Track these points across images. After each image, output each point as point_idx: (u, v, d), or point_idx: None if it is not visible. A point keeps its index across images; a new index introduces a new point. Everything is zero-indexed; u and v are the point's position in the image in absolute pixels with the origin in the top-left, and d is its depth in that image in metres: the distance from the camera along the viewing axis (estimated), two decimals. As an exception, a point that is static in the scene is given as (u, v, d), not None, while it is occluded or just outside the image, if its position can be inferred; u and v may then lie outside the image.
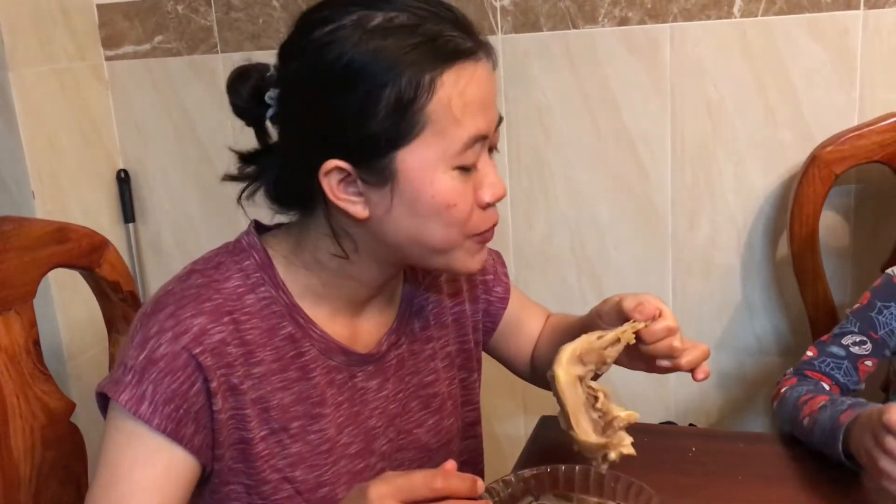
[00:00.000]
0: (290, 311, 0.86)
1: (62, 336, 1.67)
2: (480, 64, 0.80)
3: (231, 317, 0.83)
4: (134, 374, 0.80)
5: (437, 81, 0.77)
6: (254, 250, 0.87)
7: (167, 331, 0.80)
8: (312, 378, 0.87)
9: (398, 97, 0.76)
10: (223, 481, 0.86)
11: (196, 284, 0.84)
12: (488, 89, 0.81)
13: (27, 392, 1.04)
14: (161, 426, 0.79)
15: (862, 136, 1.33)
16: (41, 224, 1.10)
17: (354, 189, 0.81)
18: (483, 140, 0.81)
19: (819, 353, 1.13)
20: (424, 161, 0.79)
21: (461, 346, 1.02)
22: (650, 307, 0.86)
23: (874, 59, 1.35)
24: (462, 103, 0.78)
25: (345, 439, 0.90)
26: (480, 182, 0.83)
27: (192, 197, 1.81)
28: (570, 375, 0.80)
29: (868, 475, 0.91)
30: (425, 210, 0.80)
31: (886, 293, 1.11)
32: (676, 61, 1.45)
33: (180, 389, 0.80)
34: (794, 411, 1.05)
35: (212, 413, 0.82)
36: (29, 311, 1.05)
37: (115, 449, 0.81)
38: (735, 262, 1.52)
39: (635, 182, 1.53)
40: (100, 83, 1.77)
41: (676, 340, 0.86)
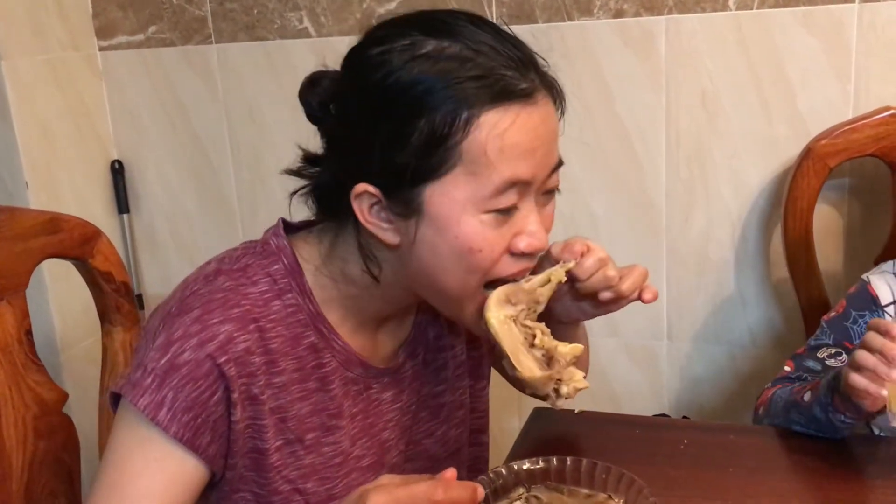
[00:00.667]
0: (314, 321, 0.85)
1: (56, 327, 1.67)
2: (533, 107, 0.76)
3: (257, 324, 0.81)
4: (154, 378, 0.77)
5: (476, 121, 0.74)
6: (283, 254, 0.85)
7: (193, 336, 0.78)
8: (331, 390, 0.86)
9: (431, 130, 0.74)
10: (233, 489, 0.84)
11: (223, 288, 0.81)
12: (537, 134, 0.76)
13: (19, 382, 1.04)
14: (178, 434, 0.77)
15: (856, 130, 1.33)
16: (33, 214, 1.09)
17: (386, 215, 0.79)
18: (523, 185, 0.77)
19: (796, 368, 1.13)
20: (452, 200, 0.75)
21: (472, 353, 1.01)
22: (577, 245, 0.86)
23: (869, 53, 1.35)
24: (500, 147, 0.74)
25: (357, 451, 0.89)
26: (519, 228, 0.79)
27: (186, 188, 1.81)
28: (500, 316, 0.79)
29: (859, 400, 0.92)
30: (448, 250, 0.77)
31: (861, 302, 1.11)
32: (671, 54, 1.45)
33: (201, 398, 0.78)
34: (791, 397, 1.05)
35: (230, 423, 0.80)
36: (21, 301, 1.05)
37: (124, 450, 0.79)
38: (729, 255, 1.52)
39: (630, 175, 1.53)
40: (93, 73, 1.77)
41: (610, 269, 0.86)
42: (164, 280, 1.88)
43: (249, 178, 1.76)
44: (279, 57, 1.66)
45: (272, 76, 1.67)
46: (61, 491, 1.10)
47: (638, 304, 1.59)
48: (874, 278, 1.11)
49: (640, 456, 0.98)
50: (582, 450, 0.85)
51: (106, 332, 1.17)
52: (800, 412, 1.03)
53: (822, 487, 0.95)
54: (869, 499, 0.90)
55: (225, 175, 1.77)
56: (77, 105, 1.73)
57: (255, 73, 1.69)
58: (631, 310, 1.61)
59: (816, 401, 1.00)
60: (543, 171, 0.79)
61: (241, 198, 1.77)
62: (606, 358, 1.63)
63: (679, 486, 0.94)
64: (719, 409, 1.60)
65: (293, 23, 1.63)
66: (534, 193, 0.79)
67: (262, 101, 1.70)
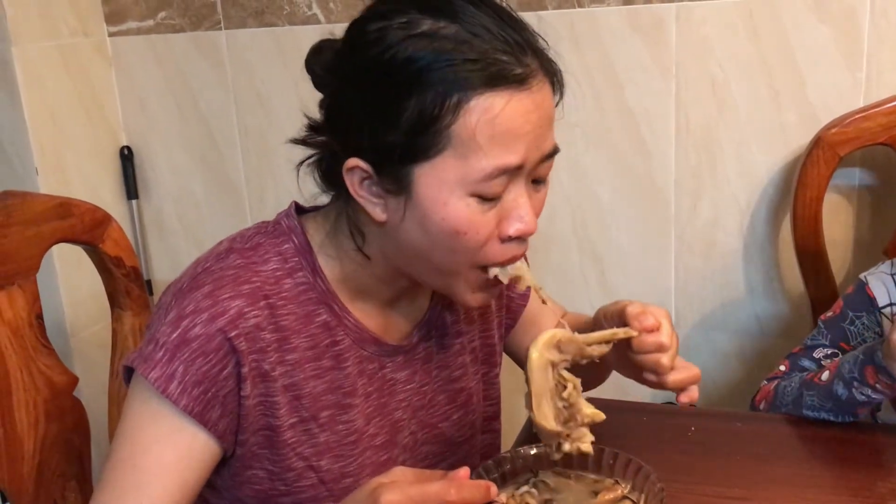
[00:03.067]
0: (325, 299, 0.85)
1: (66, 311, 1.68)
2: (527, 92, 0.75)
3: (267, 301, 0.81)
4: (166, 352, 0.78)
5: (466, 104, 0.73)
6: (293, 234, 0.86)
7: (204, 311, 0.79)
8: (345, 368, 0.86)
9: (421, 111, 0.73)
10: (245, 465, 0.85)
11: (234, 265, 0.82)
12: (529, 120, 0.75)
13: (30, 366, 1.05)
14: (188, 408, 0.78)
15: (867, 118, 1.32)
16: (44, 199, 1.10)
17: (376, 190, 0.79)
18: (514, 171, 0.76)
19: (791, 367, 1.13)
20: (440, 182, 0.75)
21: (485, 341, 1.01)
22: (650, 319, 0.83)
23: (881, 41, 1.34)
24: (490, 132, 0.73)
25: (371, 430, 0.89)
26: (508, 213, 0.78)
27: (195, 174, 1.81)
28: (542, 359, 0.79)
29: None
30: (435, 231, 0.77)
31: (858, 302, 1.11)
32: (681, 41, 1.44)
33: (211, 372, 0.79)
34: (802, 386, 1.05)
35: (239, 398, 0.81)
36: (32, 285, 1.06)
37: (137, 424, 0.80)
38: (737, 243, 1.52)
39: (638, 162, 1.53)
40: (103, 59, 1.77)
41: (665, 358, 0.83)
42: (172, 265, 1.89)
43: (258, 163, 1.76)
44: (288, 43, 1.65)
45: (281, 62, 1.67)
46: (72, 473, 1.10)
47: (645, 290, 1.60)
48: (872, 279, 1.11)
49: (648, 442, 0.99)
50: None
51: (116, 317, 1.18)
52: (815, 392, 1.03)
53: (828, 475, 0.96)
54: (875, 485, 0.91)
55: (233, 161, 1.78)
56: (87, 91, 1.73)
57: (264, 59, 1.69)
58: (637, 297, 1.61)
59: (838, 377, 1.00)
60: (535, 157, 0.77)
61: (249, 183, 1.78)
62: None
63: (686, 472, 0.94)
64: (726, 397, 1.60)
65: (302, 9, 1.63)
66: (525, 178, 0.78)
67: (271, 87, 1.70)
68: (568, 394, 0.80)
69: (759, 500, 0.89)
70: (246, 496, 0.87)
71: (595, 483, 0.86)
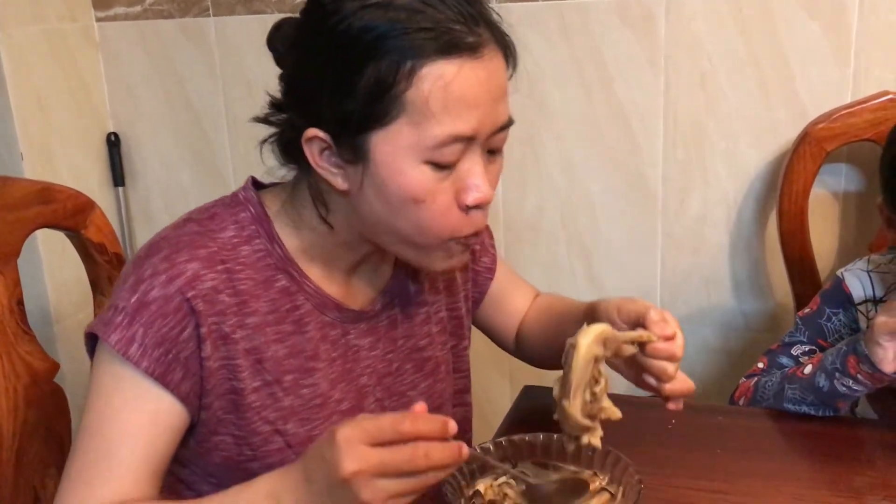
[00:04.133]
0: (284, 265, 0.86)
1: (50, 298, 1.67)
2: (479, 61, 0.76)
3: (225, 265, 0.83)
4: (125, 316, 0.80)
5: (419, 72, 0.74)
6: (250, 204, 0.88)
7: (161, 273, 0.80)
8: (307, 332, 0.87)
9: (377, 79, 0.75)
10: (211, 431, 0.86)
11: (191, 232, 0.84)
12: (483, 89, 0.77)
13: (10, 352, 1.04)
14: (149, 369, 0.79)
15: (854, 114, 1.32)
16: (26, 184, 1.09)
17: (336, 160, 0.80)
18: (467, 141, 0.78)
19: (770, 364, 1.14)
20: (395, 148, 0.77)
21: (452, 313, 1.03)
22: (670, 328, 0.85)
23: (869, 37, 1.35)
24: (443, 99, 0.75)
25: (337, 395, 0.90)
26: (464, 183, 0.80)
27: (182, 161, 1.81)
28: (590, 352, 0.80)
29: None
30: (393, 199, 0.79)
31: (835, 299, 1.11)
32: (671, 35, 1.44)
33: (171, 334, 0.80)
34: (784, 380, 1.06)
35: (201, 360, 0.82)
36: (13, 270, 1.05)
37: (102, 392, 0.81)
38: (724, 237, 1.52)
39: (627, 156, 1.53)
40: (90, 45, 1.75)
41: (672, 367, 0.86)
42: (159, 254, 1.88)
43: (245, 152, 1.75)
44: (277, 31, 1.64)
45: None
46: (52, 460, 1.10)
47: (632, 284, 1.60)
48: (848, 275, 1.11)
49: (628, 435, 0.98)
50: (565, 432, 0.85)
51: (98, 304, 1.17)
52: (797, 385, 1.03)
53: (808, 468, 0.96)
54: (853, 480, 0.91)
55: (221, 149, 1.77)
56: (73, 76, 1.72)
57: (253, 46, 1.68)
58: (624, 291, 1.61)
59: (821, 368, 1.01)
60: (488, 127, 0.79)
61: (237, 172, 1.77)
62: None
63: (666, 465, 0.95)
64: (712, 392, 1.60)
65: (291, -4, 1.62)
66: (479, 148, 0.80)
67: (260, 75, 1.69)
68: (600, 389, 0.81)
69: (737, 494, 0.90)
70: (214, 465, 0.87)
71: (573, 474, 0.87)
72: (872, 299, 1.09)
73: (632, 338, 0.84)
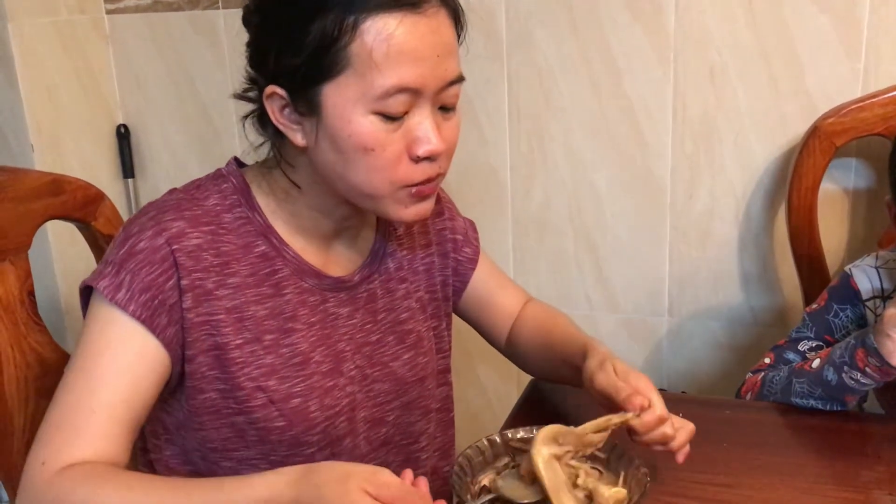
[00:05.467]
0: (264, 231, 0.90)
1: (60, 289, 1.68)
2: (420, 16, 0.80)
3: (209, 227, 0.88)
4: (114, 266, 0.84)
5: (362, 25, 0.78)
6: (232, 176, 0.92)
7: (148, 229, 0.85)
8: (285, 295, 0.91)
9: (323, 33, 0.79)
10: (197, 389, 0.88)
11: (177, 198, 0.90)
12: (425, 43, 0.80)
13: (21, 342, 1.05)
14: (136, 313, 0.82)
15: (864, 109, 1.32)
16: (36, 175, 1.10)
17: (294, 117, 0.84)
18: (412, 93, 0.81)
19: (776, 360, 1.13)
20: (345, 100, 0.80)
21: (431, 296, 1.06)
22: (640, 399, 0.86)
23: (881, 31, 1.34)
24: (385, 51, 0.79)
25: (317, 357, 0.92)
26: (414, 135, 0.83)
27: (191, 153, 1.81)
28: (544, 455, 0.81)
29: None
30: (345, 149, 0.82)
31: (843, 295, 1.11)
32: (680, 28, 1.44)
33: (157, 281, 0.84)
34: (792, 374, 1.05)
35: (182, 311, 0.85)
36: (24, 261, 1.06)
37: (89, 335, 0.84)
38: (733, 232, 1.52)
39: (635, 150, 1.52)
40: (100, 37, 1.76)
41: (668, 428, 0.86)
42: (168, 246, 1.89)
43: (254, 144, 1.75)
44: (286, 24, 1.65)
45: (279, 43, 1.66)
46: (62, 450, 1.11)
47: (639, 279, 1.60)
48: (856, 271, 1.11)
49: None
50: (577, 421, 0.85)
51: (108, 295, 1.18)
52: (805, 379, 1.03)
53: (815, 463, 0.96)
54: (860, 474, 0.91)
55: (230, 141, 1.77)
56: (83, 68, 1.73)
57: (262, 39, 1.68)
58: (632, 285, 1.62)
59: (829, 362, 1.01)
60: (435, 82, 0.82)
61: (245, 165, 1.77)
62: (607, 333, 1.63)
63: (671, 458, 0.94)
64: (718, 386, 1.60)
65: (300, -11, 1.62)
66: (429, 103, 0.83)
67: (269, 68, 1.69)
68: (583, 481, 0.82)
69: (743, 488, 0.90)
70: (203, 421, 0.90)
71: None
72: (881, 295, 1.09)
73: (598, 426, 0.84)
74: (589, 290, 1.63)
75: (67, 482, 0.78)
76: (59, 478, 0.78)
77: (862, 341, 0.97)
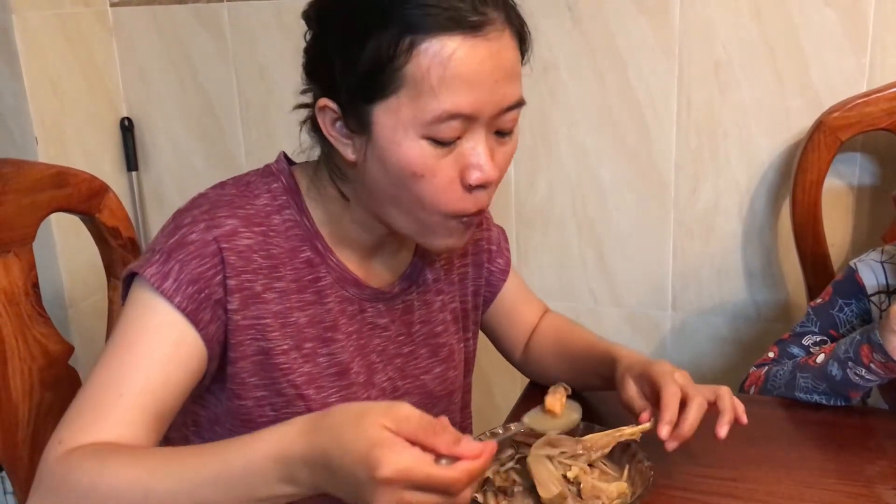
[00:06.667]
0: (310, 237, 0.89)
1: (65, 281, 1.68)
2: (481, 40, 0.76)
3: (260, 228, 0.86)
4: (162, 255, 0.81)
5: (419, 47, 0.75)
6: (282, 175, 0.90)
7: (201, 222, 0.83)
8: (327, 304, 0.89)
9: (378, 51, 0.76)
10: (234, 394, 0.86)
11: (231, 193, 0.87)
12: (484, 68, 0.77)
13: (26, 334, 1.05)
14: (182, 305, 0.80)
15: (869, 103, 1.31)
16: (41, 168, 1.09)
17: (346, 131, 0.82)
18: (466, 119, 0.78)
19: (780, 354, 1.13)
20: (396, 122, 0.78)
21: (463, 306, 1.04)
22: (647, 415, 0.88)
23: (886, 25, 1.33)
24: (440, 75, 0.75)
25: (355, 367, 0.91)
26: (467, 161, 0.80)
27: (195, 146, 1.81)
28: (535, 456, 0.82)
29: None
30: (395, 172, 0.80)
31: (848, 289, 1.11)
32: (685, 22, 1.43)
33: (206, 274, 0.81)
34: (796, 369, 1.05)
35: (227, 311, 0.83)
36: (28, 254, 1.06)
37: (126, 322, 0.81)
38: (737, 227, 1.52)
39: (639, 143, 1.52)
40: (104, 29, 1.76)
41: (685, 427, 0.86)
42: (172, 238, 1.89)
43: (258, 137, 1.76)
44: (290, 16, 1.64)
45: (283, 36, 1.66)
46: (66, 441, 1.11)
47: (643, 273, 1.60)
48: (861, 266, 1.10)
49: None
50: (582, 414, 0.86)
51: (112, 287, 1.18)
52: (809, 373, 1.03)
53: (818, 457, 0.96)
54: (864, 469, 0.91)
55: (233, 134, 1.77)
56: (87, 61, 1.73)
57: (266, 32, 1.68)
58: (636, 280, 1.62)
59: (833, 357, 1.00)
60: (491, 107, 0.79)
61: (249, 157, 1.77)
62: (610, 327, 1.63)
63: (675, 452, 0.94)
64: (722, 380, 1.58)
65: (304, -18, 1.62)
66: (484, 128, 0.80)
67: (272, 60, 1.69)
68: (572, 474, 0.82)
69: (747, 482, 0.90)
70: (235, 425, 0.88)
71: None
72: (886, 290, 1.08)
73: (608, 440, 0.85)
74: (593, 284, 1.63)
75: (76, 457, 0.74)
76: (70, 454, 0.74)
77: (867, 337, 0.97)
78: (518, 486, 0.83)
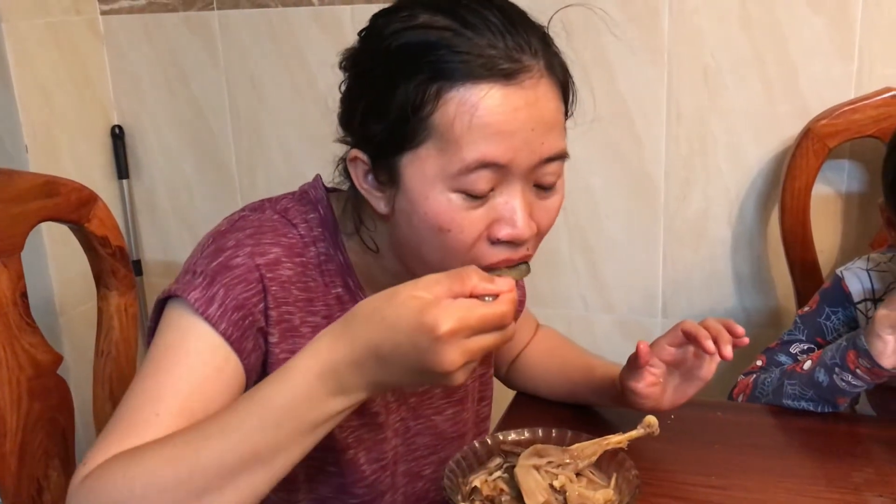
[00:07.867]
0: (343, 273, 0.86)
1: (55, 290, 1.68)
2: (515, 88, 0.73)
3: (300, 259, 0.83)
4: (205, 277, 0.77)
5: (446, 95, 0.72)
6: (320, 205, 0.87)
7: (246, 246, 0.80)
8: None
9: (405, 99, 0.73)
10: None
11: (273, 219, 0.84)
12: (516, 117, 0.73)
13: (14, 344, 1.05)
14: (227, 332, 0.76)
15: (857, 111, 1.32)
16: (30, 177, 1.09)
17: (377, 184, 0.79)
18: (498, 169, 0.74)
19: (768, 363, 1.14)
20: (423, 173, 0.75)
21: None
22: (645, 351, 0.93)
23: (874, 33, 1.34)
24: (468, 123, 0.72)
25: (374, 407, 0.90)
26: (499, 215, 0.76)
27: (186, 155, 1.81)
28: (523, 467, 0.82)
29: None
30: (419, 226, 0.77)
31: (834, 297, 1.11)
32: (674, 29, 1.44)
33: (250, 301, 0.78)
34: (784, 376, 1.06)
35: (267, 342, 0.80)
36: (17, 263, 1.05)
37: (165, 344, 0.76)
38: (726, 233, 1.52)
39: (629, 150, 1.52)
40: (95, 37, 1.76)
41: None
42: (163, 246, 1.89)
43: (249, 145, 1.75)
44: (281, 25, 1.65)
45: (273, 44, 1.66)
46: (55, 451, 1.11)
47: (634, 280, 1.60)
48: (847, 274, 1.11)
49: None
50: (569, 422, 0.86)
51: (102, 297, 1.18)
52: (797, 380, 1.03)
53: (806, 464, 0.96)
54: (852, 476, 0.91)
55: (224, 142, 1.77)
56: (78, 69, 1.73)
57: (257, 40, 1.68)
58: (626, 286, 1.62)
59: (820, 364, 1.01)
60: (526, 157, 0.75)
61: (240, 166, 1.77)
62: (601, 334, 1.64)
63: (664, 460, 0.95)
64: (712, 388, 1.59)
65: (295, -10, 1.62)
66: (520, 181, 0.76)
67: (263, 68, 1.69)
68: (558, 483, 0.82)
69: (735, 489, 0.90)
70: None
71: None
72: (872, 297, 1.09)
73: (595, 450, 0.85)
74: (583, 291, 1.64)
75: (102, 467, 0.69)
76: (96, 468, 0.69)
77: (853, 342, 0.97)
78: (505, 496, 0.83)
